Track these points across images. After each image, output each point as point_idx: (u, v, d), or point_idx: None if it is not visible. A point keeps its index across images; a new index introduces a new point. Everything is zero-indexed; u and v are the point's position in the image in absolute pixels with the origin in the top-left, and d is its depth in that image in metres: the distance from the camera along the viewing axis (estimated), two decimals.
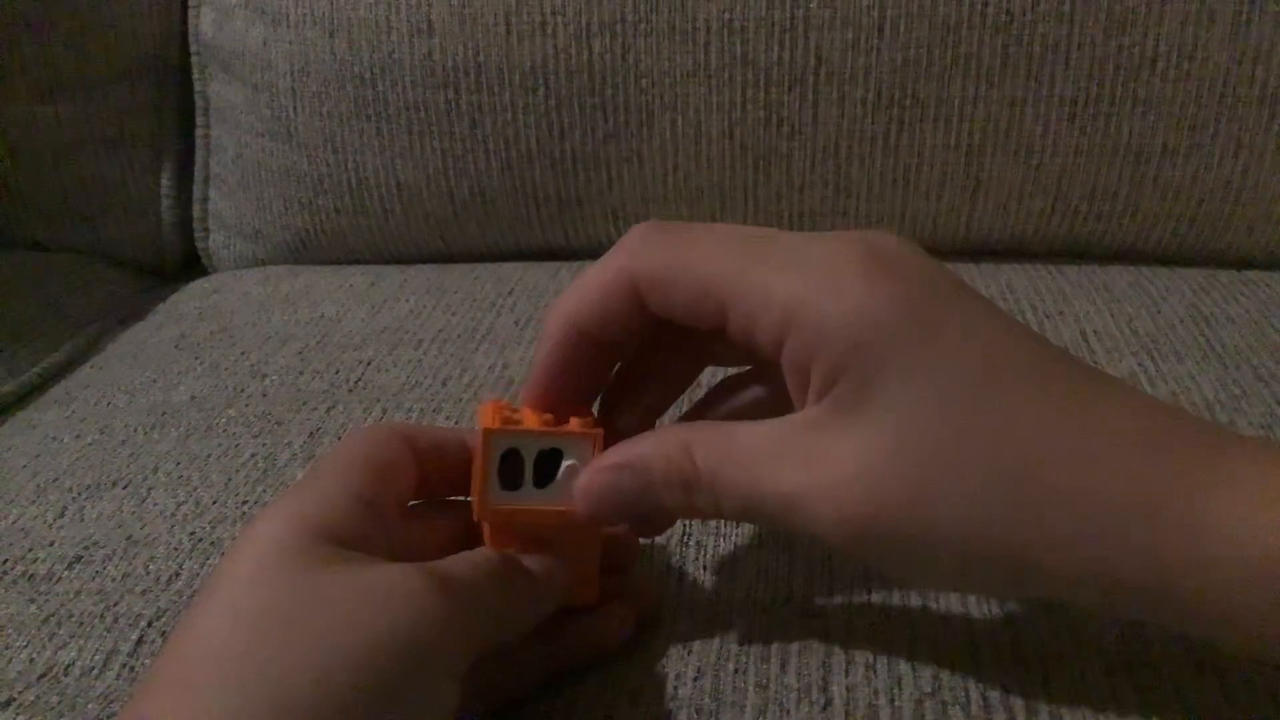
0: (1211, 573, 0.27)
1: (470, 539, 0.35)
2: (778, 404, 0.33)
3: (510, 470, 0.33)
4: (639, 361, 0.36)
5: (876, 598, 0.37)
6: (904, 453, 0.29)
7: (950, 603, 0.37)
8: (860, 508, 0.29)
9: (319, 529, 0.30)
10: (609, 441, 0.33)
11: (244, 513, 0.44)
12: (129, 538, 0.43)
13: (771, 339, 0.31)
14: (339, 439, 0.49)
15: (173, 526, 0.44)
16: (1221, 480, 0.28)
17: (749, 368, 0.36)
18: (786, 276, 0.30)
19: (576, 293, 0.33)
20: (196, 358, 0.58)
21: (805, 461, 0.30)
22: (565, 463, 0.33)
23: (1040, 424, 0.29)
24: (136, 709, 0.27)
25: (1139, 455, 0.29)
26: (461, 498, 0.36)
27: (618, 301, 0.33)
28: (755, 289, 0.31)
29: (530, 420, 0.34)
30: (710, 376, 0.39)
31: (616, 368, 0.36)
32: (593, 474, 0.33)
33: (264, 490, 0.46)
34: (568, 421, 0.34)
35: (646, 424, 0.36)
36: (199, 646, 0.27)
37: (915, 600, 0.37)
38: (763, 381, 0.35)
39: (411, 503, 0.35)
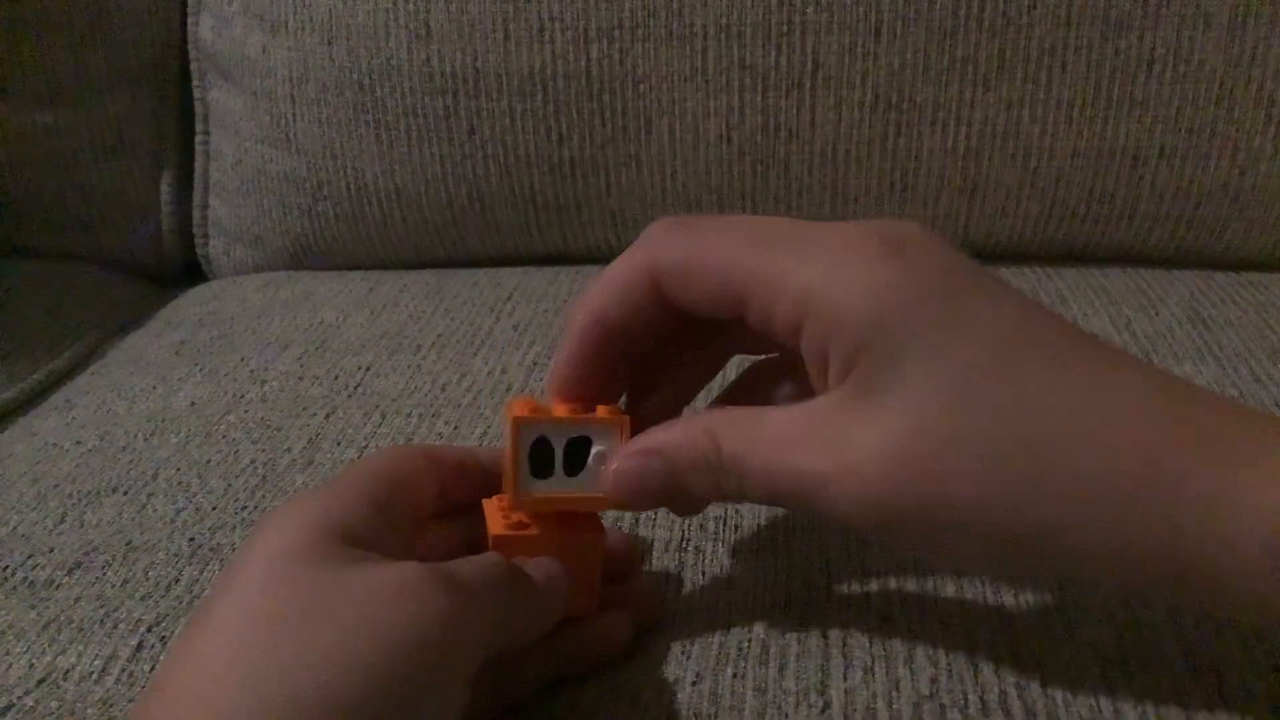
0: (1234, 550, 0.27)
1: (478, 549, 0.35)
2: (804, 388, 0.33)
3: (541, 460, 0.34)
4: (664, 353, 0.37)
5: (875, 601, 0.37)
6: (923, 434, 0.29)
7: (948, 605, 0.37)
8: (881, 490, 0.30)
9: (331, 528, 0.30)
10: (635, 430, 0.34)
11: (244, 518, 0.44)
12: (129, 543, 0.43)
13: (789, 326, 0.31)
14: (338, 444, 0.49)
15: (172, 532, 0.44)
16: (1243, 458, 0.28)
17: (774, 355, 0.37)
18: (802, 264, 0.31)
19: (599, 288, 0.34)
20: (196, 364, 0.58)
21: (826, 445, 0.31)
22: (594, 450, 0.34)
23: (1061, 404, 0.29)
24: (148, 708, 0.27)
25: (1160, 433, 0.29)
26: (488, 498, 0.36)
27: (639, 295, 0.33)
28: (772, 277, 0.31)
29: (558, 410, 0.35)
30: (736, 365, 0.39)
31: (641, 361, 0.36)
32: (622, 460, 0.34)
33: (263, 496, 0.46)
34: (594, 411, 0.34)
35: (673, 413, 0.37)
36: (212, 646, 0.27)
37: (913, 603, 0.37)
38: (788, 367, 0.36)
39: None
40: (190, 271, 0.78)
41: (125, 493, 0.47)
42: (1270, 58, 0.59)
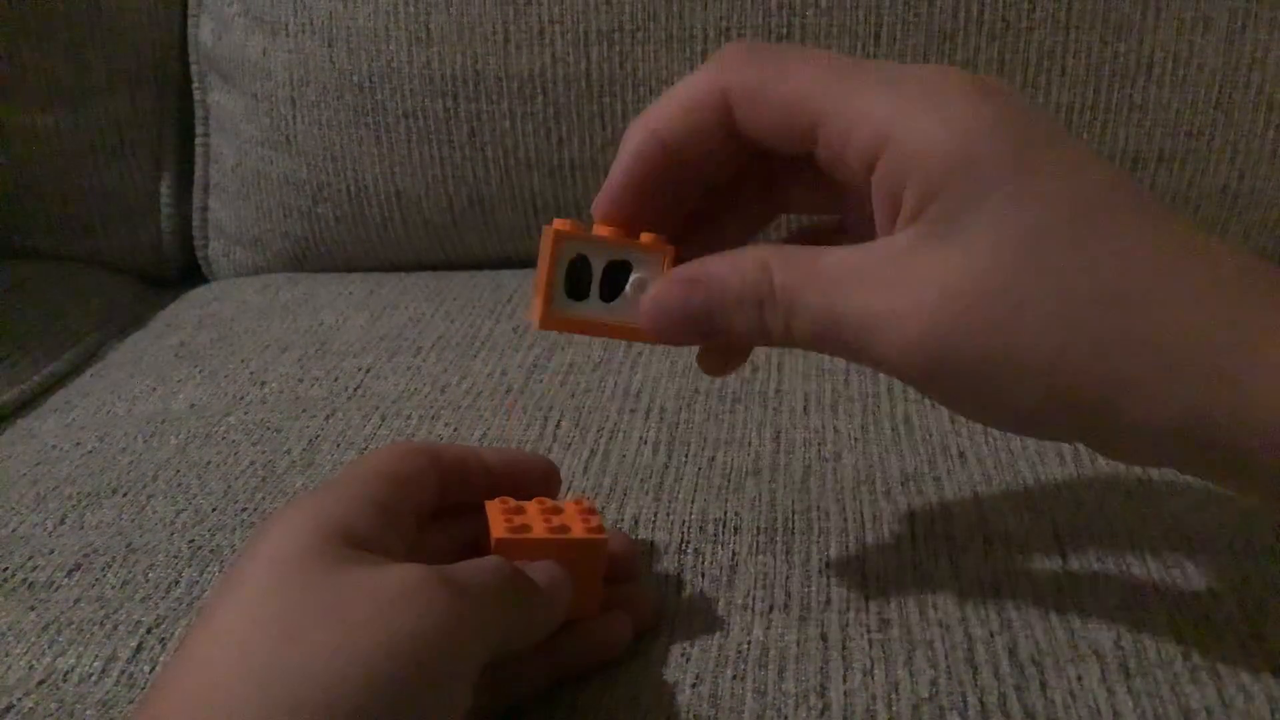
0: None
1: (480, 551, 0.35)
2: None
3: (577, 281, 0.32)
4: (717, 191, 0.35)
5: (874, 603, 0.38)
6: (996, 276, 0.28)
7: (948, 607, 0.37)
8: (943, 332, 0.28)
9: (336, 530, 0.30)
10: (680, 263, 0.32)
11: (243, 520, 0.44)
12: (128, 545, 0.43)
13: (864, 158, 0.30)
14: (338, 446, 0.49)
15: (172, 534, 0.44)
16: None
17: (823, 221, 0.35)
18: (885, 95, 0.30)
19: (662, 104, 0.32)
20: (196, 366, 0.58)
21: (889, 284, 0.29)
22: (634, 276, 0.33)
23: (1141, 263, 0.28)
24: (150, 709, 0.27)
25: (1239, 298, 0.28)
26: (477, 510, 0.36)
27: (705, 116, 0.32)
28: (851, 105, 0.30)
29: (600, 230, 0.33)
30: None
31: (693, 195, 0.34)
32: (663, 287, 0.32)
33: (263, 498, 0.46)
34: (639, 237, 0.33)
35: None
36: (214, 648, 0.27)
37: (913, 605, 0.37)
38: (843, 229, 0.34)
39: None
40: (190, 273, 0.78)
41: (125, 494, 0.47)
42: (1269, 61, 0.59)
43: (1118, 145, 0.61)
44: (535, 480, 0.38)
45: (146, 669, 0.37)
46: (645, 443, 0.48)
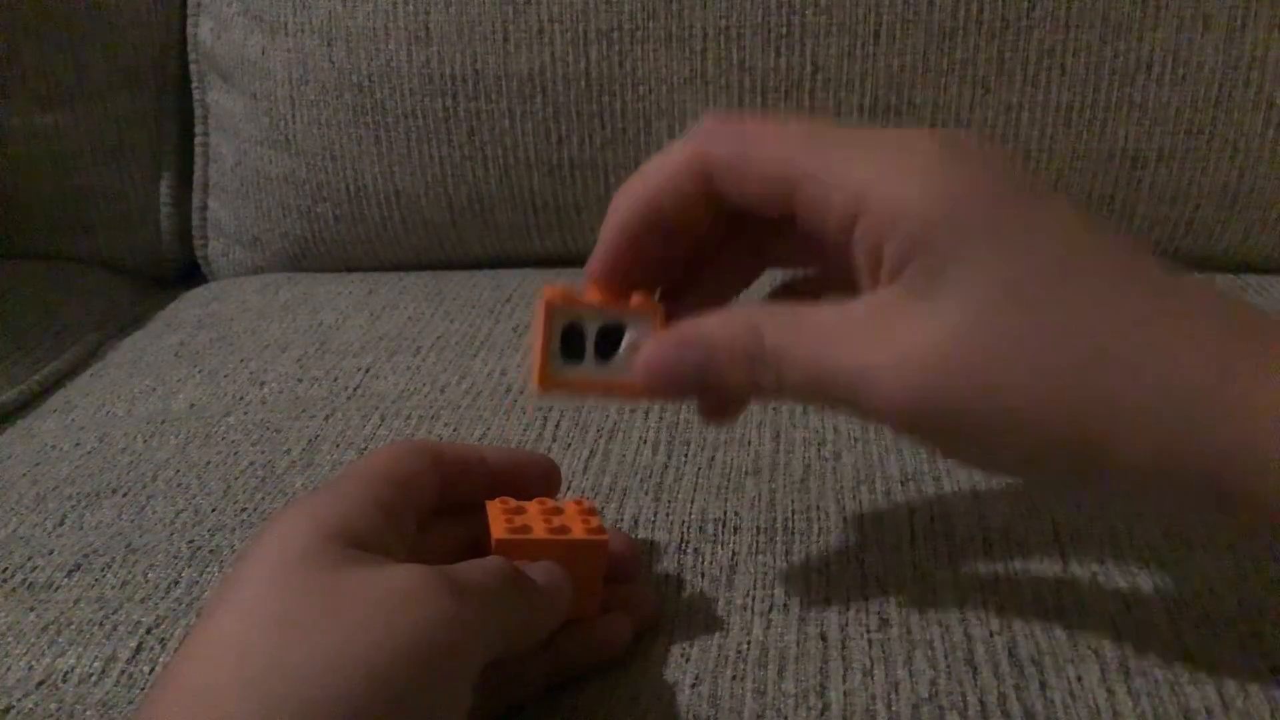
0: None
1: (480, 551, 0.35)
2: (843, 301, 0.32)
3: (572, 346, 0.34)
4: (702, 253, 0.36)
5: (873, 603, 0.38)
6: (977, 331, 0.29)
7: (947, 607, 0.37)
8: (929, 384, 0.29)
9: (338, 531, 0.30)
10: (669, 323, 0.34)
11: (243, 520, 0.44)
12: (128, 545, 0.43)
13: (842, 221, 0.30)
14: (337, 446, 0.49)
15: (172, 534, 0.44)
16: None
17: (807, 275, 0.37)
18: (861, 159, 0.30)
19: (647, 175, 0.33)
20: (195, 365, 0.58)
21: (875, 339, 0.30)
22: (627, 338, 0.34)
23: (1125, 312, 0.28)
24: (152, 709, 0.27)
25: (1218, 340, 0.28)
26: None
27: (688, 185, 0.33)
28: (828, 170, 0.31)
29: (592, 295, 0.34)
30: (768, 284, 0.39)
31: (679, 258, 0.36)
32: (656, 346, 0.33)
33: (263, 498, 0.46)
34: (629, 300, 0.34)
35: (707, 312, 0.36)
36: (216, 647, 0.27)
37: (912, 605, 0.37)
38: (825, 283, 0.35)
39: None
40: (190, 273, 0.78)
41: (124, 495, 0.47)
42: (1269, 60, 0.59)
43: (1117, 144, 0.61)
44: (536, 478, 0.38)
45: (146, 669, 0.37)
46: (645, 442, 0.48)
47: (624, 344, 0.34)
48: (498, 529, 0.34)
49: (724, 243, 0.36)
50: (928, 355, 0.29)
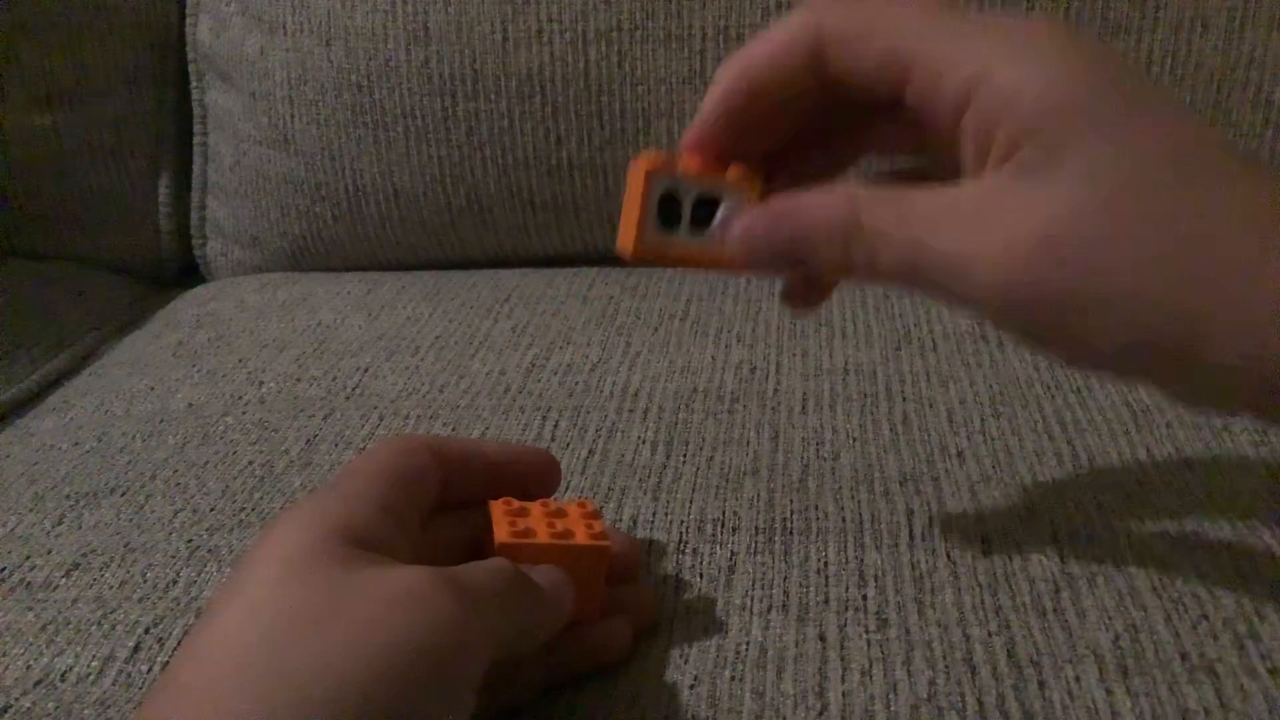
0: None
1: (482, 549, 0.35)
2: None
3: (666, 215, 0.34)
4: (799, 136, 0.36)
5: (872, 604, 0.38)
6: (1086, 217, 0.29)
7: (946, 607, 0.37)
8: (1031, 269, 0.29)
9: (343, 531, 0.30)
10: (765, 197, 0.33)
11: (242, 520, 0.44)
12: (127, 545, 0.43)
13: (955, 102, 0.30)
14: (336, 446, 0.49)
15: (170, 534, 0.44)
16: None
17: (905, 165, 0.36)
18: (979, 39, 0.30)
19: (756, 45, 0.33)
20: (194, 365, 0.58)
21: (978, 223, 0.30)
22: (722, 210, 0.34)
23: (1227, 208, 0.28)
24: (154, 707, 0.27)
25: None
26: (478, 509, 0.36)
27: (797, 58, 0.33)
28: (945, 49, 0.30)
29: (689, 164, 0.34)
30: None
31: (779, 135, 0.35)
32: (750, 218, 0.33)
33: (261, 497, 0.46)
34: (726, 171, 0.34)
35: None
36: (218, 646, 0.27)
37: (911, 606, 0.37)
38: (922, 174, 0.35)
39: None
40: (188, 273, 0.78)
41: (123, 494, 0.47)
42: (1268, 60, 0.59)
43: None
44: (535, 473, 0.38)
45: (144, 669, 0.37)
46: (643, 442, 0.48)
47: (718, 216, 0.34)
48: (500, 532, 0.34)
49: (824, 124, 0.35)
50: (1035, 238, 0.29)
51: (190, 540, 0.43)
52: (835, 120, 0.36)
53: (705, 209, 0.34)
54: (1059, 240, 0.29)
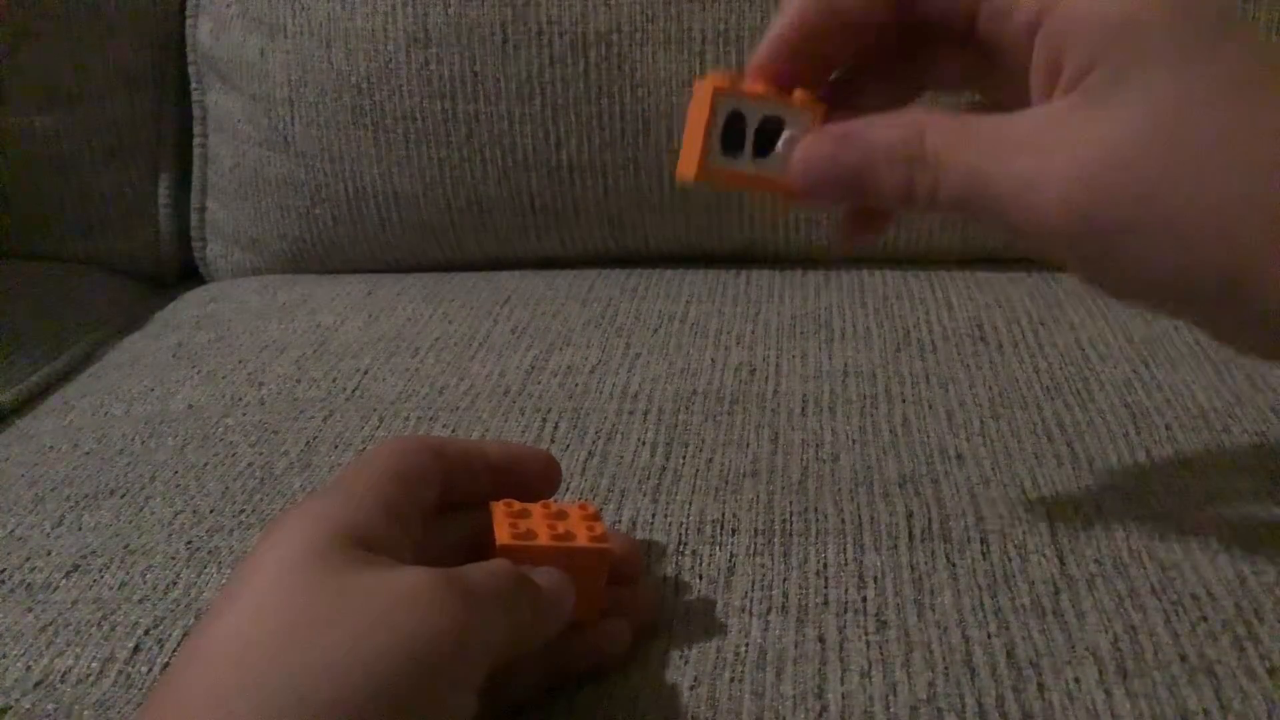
0: None
1: (482, 548, 0.35)
2: None
3: (730, 137, 0.33)
4: (863, 70, 0.36)
5: (871, 605, 0.38)
6: (1155, 141, 0.28)
7: (945, 609, 0.37)
8: (1095, 193, 0.29)
9: (345, 532, 0.30)
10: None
11: (241, 521, 0.44)
12: (126, 546, 0.43)
13: (1026, 24, 0.30)
14: (336, 447, 0.49)
15: (170, 535, 0.44)
16: None
17: (971, 101, 0.36)
18: None
19: None
20: (194, 367, 0.58)
21: (1044, 147, 0.30)
22: (786, 134, 0.33)
23: None
24: (156, 707, 0.27)
25: None
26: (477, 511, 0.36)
27: None
28: None
29: (756, 86, 0.34)
30: None
31: (848, 59, 0.35)
32: (814, 142, 0.33)
33: (261, 499, 0.46)
34: (792, 95, 0.34)
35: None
36: (220, 647, 0.27)
37: (910, 607, 0.37)
38: (987, 110, 0.35)
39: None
40: (188, 274, 0.78)
41: (123, 496, 0.47)
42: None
43: None
44: (536, 473, 0.38)
45: (144, 670, 0.37)
46: (643, 444, 0.48)
47: (782, 140, 0.33)
48: (502, 533, 0.34)
49: (887, 57, 0.35)
50: (1097, 164, 0.29)
51: (190, 542, 0.43)
52: (900, 51, 0.35)
53: (768, 134, 0.33)
54: (1120, 166, 0.29)
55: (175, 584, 0.41)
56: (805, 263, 0.67)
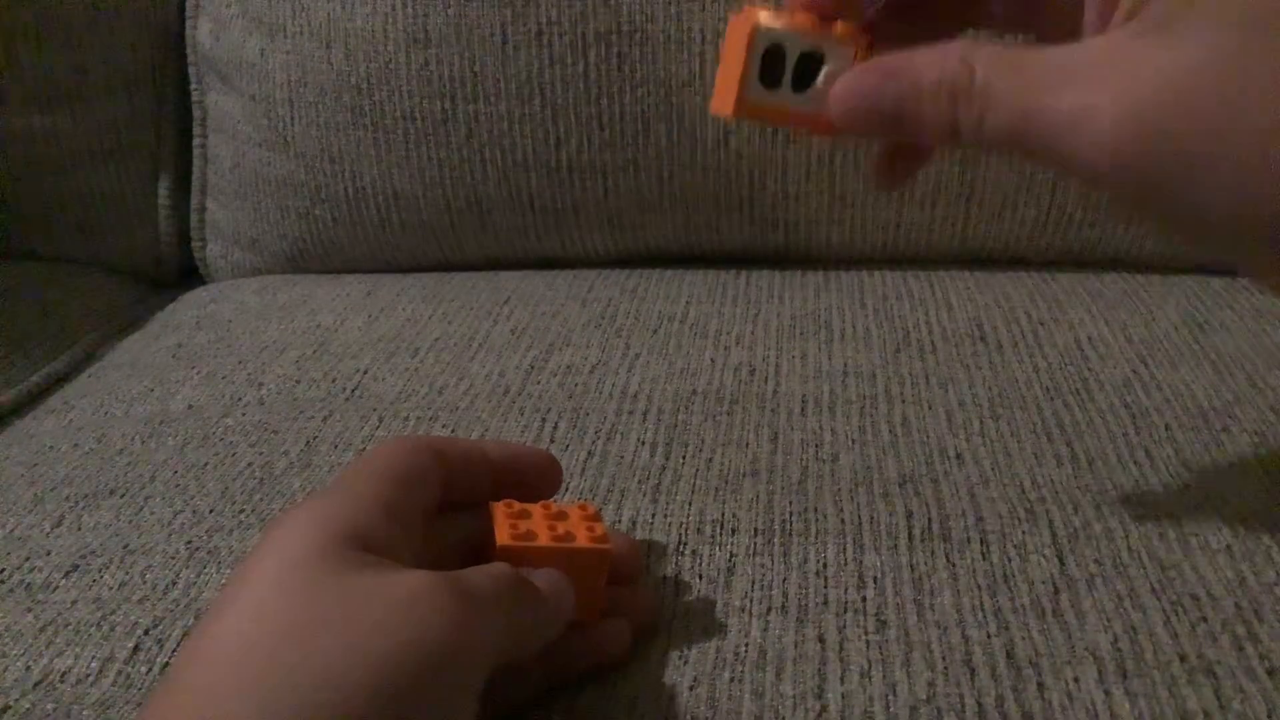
0: None
1: (483, 549, 0.35)
2: None
3: (769, 70, 0.33)
4: (905, 7, 0.35)
5: (871, 605, 0.38)
6: (1212, 71, 0.28)
7: (945, 609, 0.37)
8: (1149, 124, 0.28)
9: (346, 532, 0.29)
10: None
11: (241, 521, 0.44)
12: (126, 546, 0.43)
13: None
14: (335, 447, 0.49)
15: (169, 535, 0.44)
16: None
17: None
18: None
19: None
20: (194, 367, 0.58)
21: (1098, 78, 0.29)
22: (826, 68, 0.33)
23: None
24: (157, 706, 0.27)
25: None
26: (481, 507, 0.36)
27: None
28: None
29: (796, 19, 0.33)
30: None
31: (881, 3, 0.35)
32: (856, 74, 0.32)
33: (260, 499, 0.46)
34: (833, 27, 0.33)
35: None
36: (220, 647, 0.27)
37: (910, 607, 0.37)
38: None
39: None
40: (188, 275, 0.78)
41: (122, 496, 0.47)
42: None
43: None
44: (537, 474, 0.38)
45: (143, 670, 0.37)
46: (643, 444, 0.48)
47: (822, 74, 0.33)
48: (502, 534, 0.34)
49: None
50: (1153, 95, 0.28)
51: (190, 542, 0.43)
52: None
53: (809, 67, 0.33)
54: (1176, 97, 0.28)
55: (175, 584, 0.41)
56: (805, 263, 0.67)
